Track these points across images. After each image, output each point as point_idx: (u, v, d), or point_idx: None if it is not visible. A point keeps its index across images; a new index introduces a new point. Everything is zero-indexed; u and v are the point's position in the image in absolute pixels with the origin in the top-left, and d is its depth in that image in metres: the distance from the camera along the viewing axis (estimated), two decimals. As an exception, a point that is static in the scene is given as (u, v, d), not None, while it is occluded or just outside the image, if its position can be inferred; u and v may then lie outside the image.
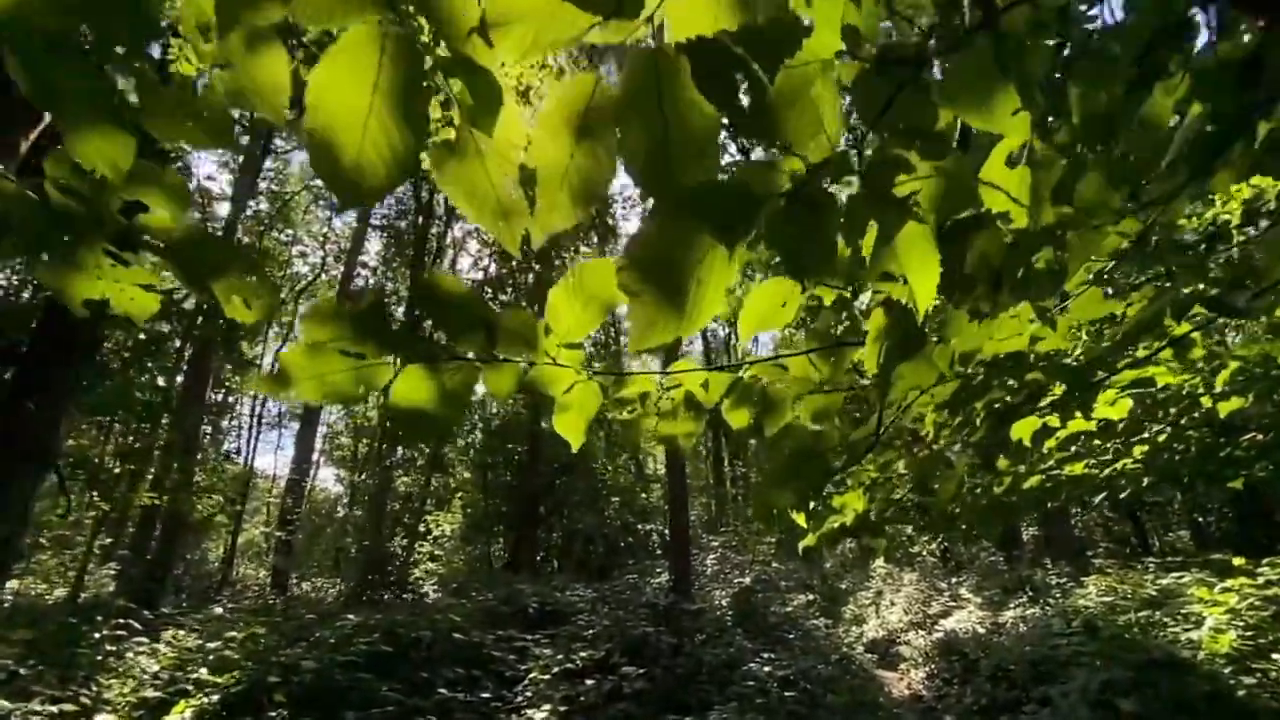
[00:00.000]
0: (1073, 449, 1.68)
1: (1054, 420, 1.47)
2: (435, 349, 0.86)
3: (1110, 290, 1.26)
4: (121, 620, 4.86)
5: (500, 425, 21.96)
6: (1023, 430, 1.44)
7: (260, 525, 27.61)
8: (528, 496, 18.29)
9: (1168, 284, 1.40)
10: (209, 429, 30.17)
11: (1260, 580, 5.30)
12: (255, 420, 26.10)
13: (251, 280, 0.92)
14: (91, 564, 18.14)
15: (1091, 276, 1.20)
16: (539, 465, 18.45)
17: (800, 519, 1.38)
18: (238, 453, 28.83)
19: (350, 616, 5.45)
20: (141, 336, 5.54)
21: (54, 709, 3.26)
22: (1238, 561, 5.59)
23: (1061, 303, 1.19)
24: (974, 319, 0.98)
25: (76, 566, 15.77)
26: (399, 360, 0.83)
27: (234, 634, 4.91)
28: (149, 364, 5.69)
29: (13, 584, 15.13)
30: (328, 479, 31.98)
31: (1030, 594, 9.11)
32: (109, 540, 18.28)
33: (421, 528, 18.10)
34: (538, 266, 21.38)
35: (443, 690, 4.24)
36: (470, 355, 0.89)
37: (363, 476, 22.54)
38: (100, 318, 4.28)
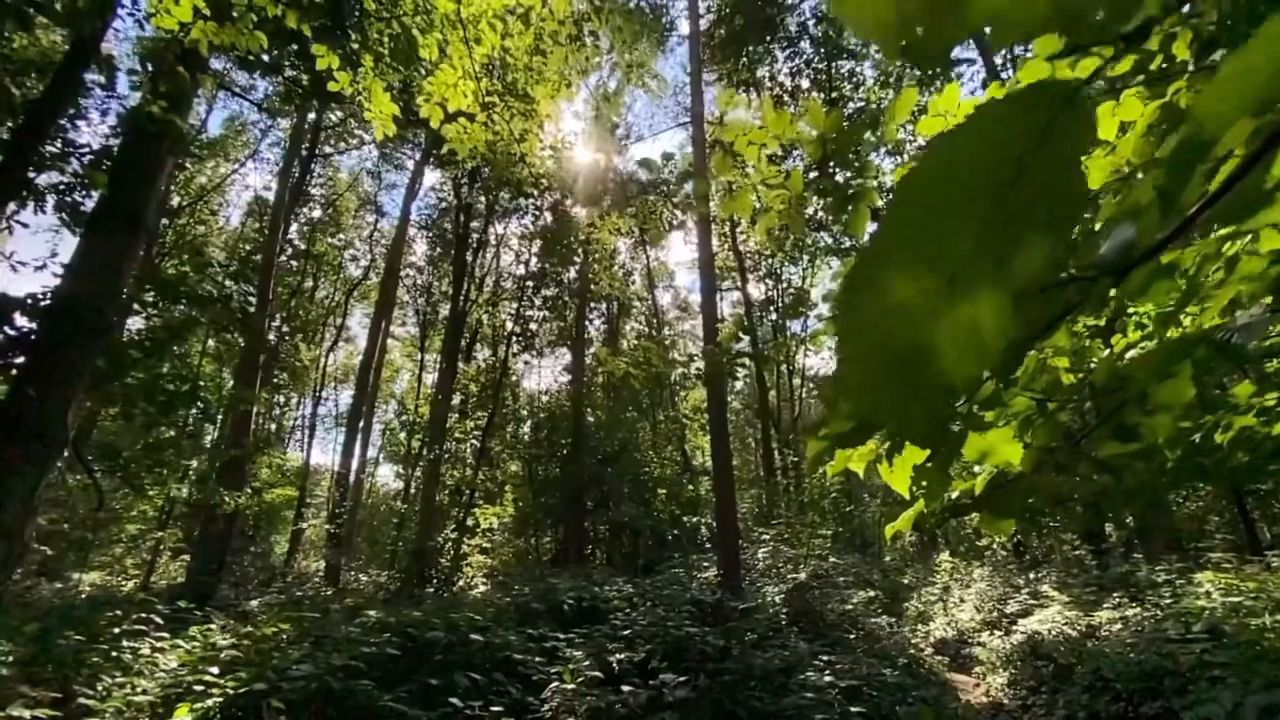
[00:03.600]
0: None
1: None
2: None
3: None
4: (142, 615, 4.70)
5: (546, 417, 21.83)
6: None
7: (323, 520, 28.72)
8: (572, 489, 18.07)
9: None
10: (272, 427, 31.57)
11: None
12: (312, 419, 27.01)
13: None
14: (165, 556, 19.13)
15: None
16: (582, 457, 18.17)
17: (901, 477, 0.82)
18: (287, 447, 29.95)
19: (371, 613, 5.15)
20: (149, 326, 5.40)
21: (31, 713, 3.03)
22: None
23: None
24: None
25: (147, 559, 16.57)
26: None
27: (250, 630, 4.69)
28: (174, 350, 5.56)
29: (92, 577, 16.02)
30: (388, 475, 32.91)
31: (1132, 592, 8.06)
32: (180, 534, 19.23)
33: (470, 521, 18.12)
34: (579, 260, 21.12)
35: (454, 700, 3.78)
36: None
37: (414, 472, 22.90)
38: (112, 303, 3.85)
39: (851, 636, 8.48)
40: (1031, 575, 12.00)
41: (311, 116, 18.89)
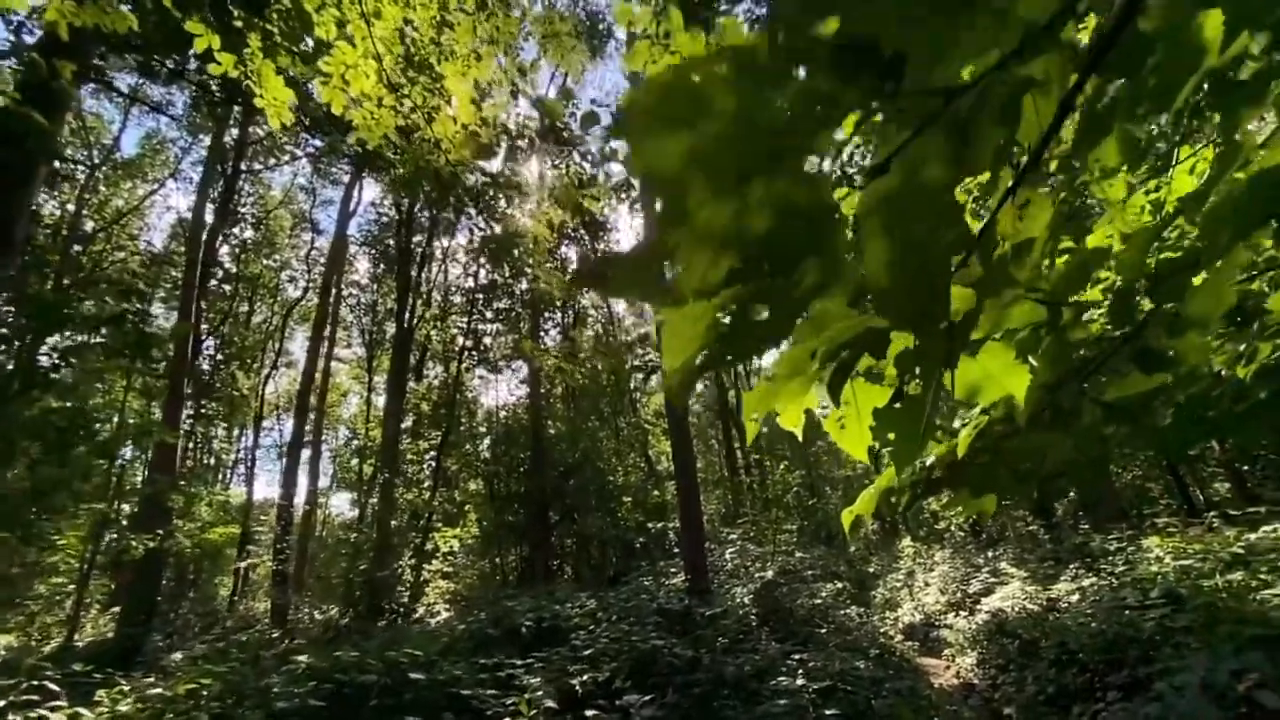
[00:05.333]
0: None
1: None
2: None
3: None
4: (33, 683, 4.11)
5: (504, 432, 21.18)
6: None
7: (269, 556, 27.12)
8: (536, 503, 17.56)
9: None
10: (211, 461, 29.69)
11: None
12: (253, 450, 25.46)
13: None
14: (95, 610, 17.58)
15: None
16: (544, 470, 17.69)
17: (856, 435, 0.60)
18: (230, 482, 28.30)
19: (301, 658, 4.63)
20: (43, 357, 4.73)
21: None
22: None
23: None
24: None
25: (69, 616, 15.17)
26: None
27: (160, 691, 4.15)
28: (54, 382, 4.91)
29: (8, 639, 14.57)
30: (344, 504, 31.32)
31: (1087, 563, 8.23)
32: (112, 584, 17.72)
33: (429, 546, 17.38)
34: (530, 270, 20.65)
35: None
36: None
37: (369, 498, 21.85)
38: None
39: (822, 631, 8.37)
40: (990, 554, 12.26)
41: (236, 131, 17.90)
